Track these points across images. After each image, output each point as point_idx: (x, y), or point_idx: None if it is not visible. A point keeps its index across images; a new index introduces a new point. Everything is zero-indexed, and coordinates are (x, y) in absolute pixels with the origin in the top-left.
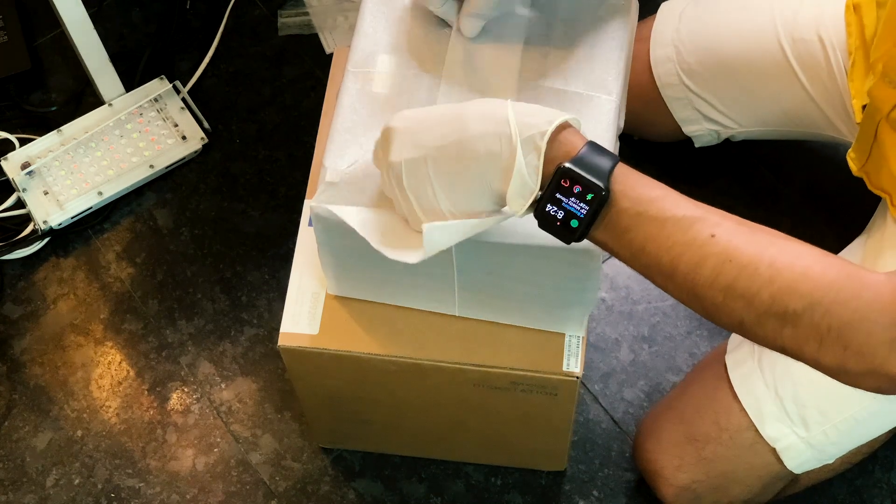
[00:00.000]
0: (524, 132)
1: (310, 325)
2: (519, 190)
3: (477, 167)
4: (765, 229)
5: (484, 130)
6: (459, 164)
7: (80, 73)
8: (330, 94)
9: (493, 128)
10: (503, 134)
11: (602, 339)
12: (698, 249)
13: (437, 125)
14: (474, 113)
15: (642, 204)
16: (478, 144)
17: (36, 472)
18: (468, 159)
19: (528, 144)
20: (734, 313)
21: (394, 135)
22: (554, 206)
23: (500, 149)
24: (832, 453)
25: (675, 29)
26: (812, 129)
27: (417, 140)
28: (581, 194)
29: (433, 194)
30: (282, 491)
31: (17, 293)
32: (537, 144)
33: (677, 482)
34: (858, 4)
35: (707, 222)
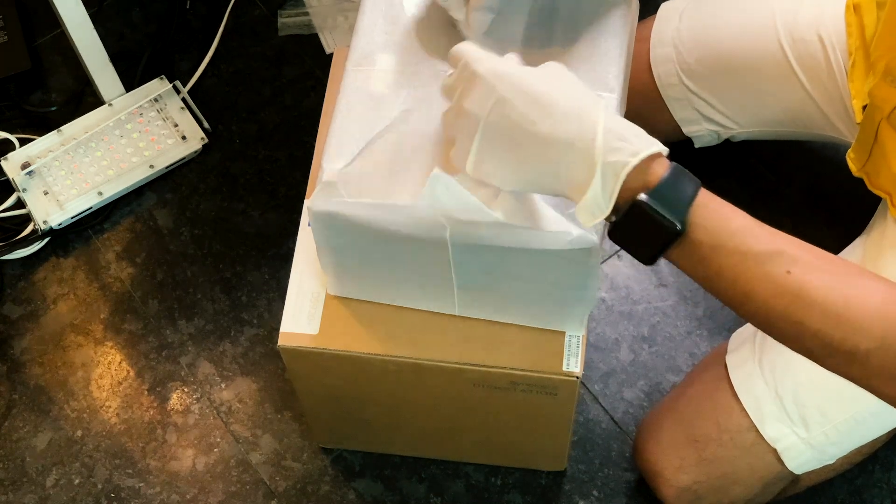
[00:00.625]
0: (609, 156)
1: (310, 324)
2: (589, 208)
3: (551, 169)
4: (842, 263)
5: (569, 136)
6: (535, 157)
7: (80, 73)
8: (330, 94)
9: (579, 138)
10: (587, 151)
11: (602, 339)
12: (773, 285)
13: (527, 102)
14: (566, 107)
15: (720, 237)
16: (559, 150)
17: (36, 472)
18: (544, 158)
19: (609, 170)
20: (804, 346)
21: (480, 84)
22: (626, 233)
23: (580, 164)
24: (833, 454)
25: (675, 29)
26: (812, 129)
27: (502, 109)
28: (658, 222)
29: (495, 162)
30: (282, 491)
31: (17, 293)
32: (617, 173)
33: (678, 483)
34: (858, 4)
35: (784, 257)
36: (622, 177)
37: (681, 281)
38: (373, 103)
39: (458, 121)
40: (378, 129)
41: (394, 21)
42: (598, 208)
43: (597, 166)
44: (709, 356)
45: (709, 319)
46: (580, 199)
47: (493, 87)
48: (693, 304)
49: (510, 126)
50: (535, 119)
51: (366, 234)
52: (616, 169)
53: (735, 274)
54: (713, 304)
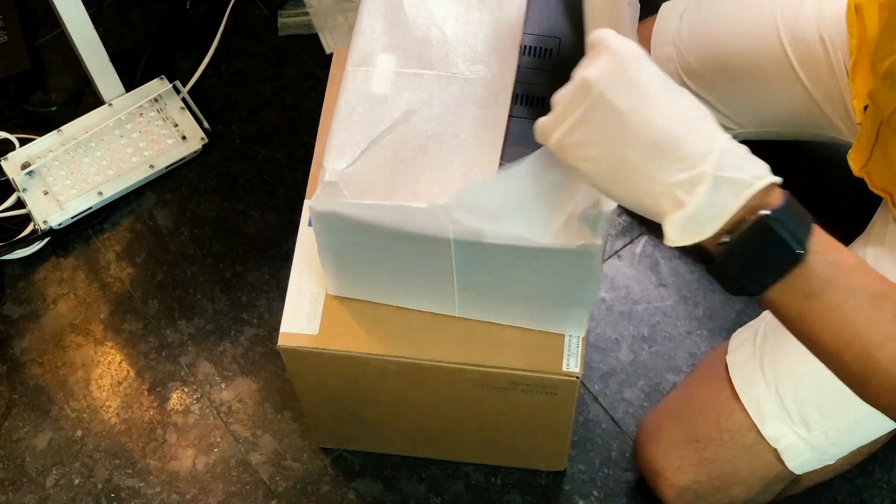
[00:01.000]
0: (727, 172)
1: (310, 325)
2: (689, 222)
3: (648, 165)
4: None
5: (683, 138)
6: (636, 145)
7: (80, 73)
8: (330, 94)
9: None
10: (699, 159)
11: (602, 339)
12: (884, 329)
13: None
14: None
15: (836, 272)
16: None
17: (36, 472)
18: (647, 150)
19: (728, 186)
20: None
21: (611, 56)
22: (740, 251)
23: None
24: (833, 454)
25: (675, 29)
26: (813, 129)
27: (625, 85)
28: (776, 246)
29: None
30: (282, 491)
31: (17, 293)
32: (739, 192)
33: (678, 483)
34: (860, 4)
35: (890, 301)
36: (745, 196)
37: (681, 281)
38: (373, 103)
39: (568, 88)
40: (379, 129)
41: (394, 21)
42: (702, 224)
43: (707, 178)
44: (709, 356)
45: (709, 319)
46: (674, 211)
47: (624, 65)
48: (693, 304)
49: (624, 105)
50: (653, 110)
51: (368, 234)
52: (737, 187)
53: (843, 314)
54: (713, 304)
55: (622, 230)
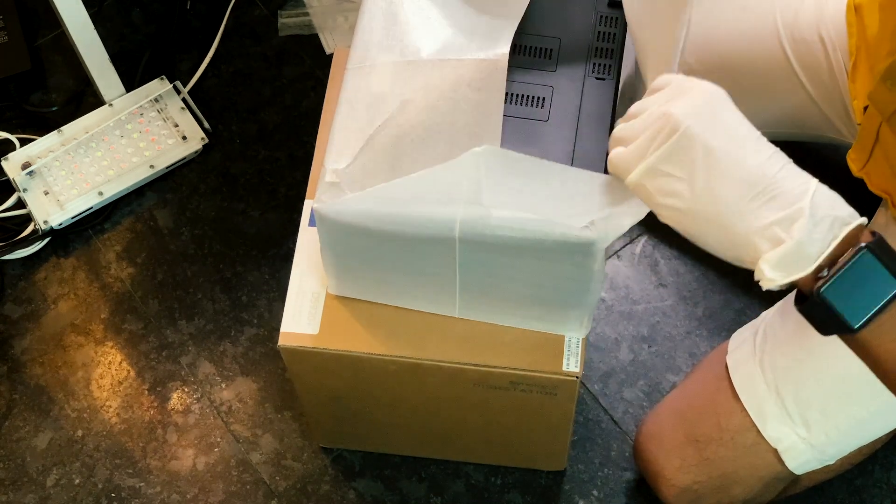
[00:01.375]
0: (825, 210)
1: (310, 324)
2: (789, 258)
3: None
4: None
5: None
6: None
7: (81, 73)
8: (330, 94)
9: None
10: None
11: (602, 339)
12: None
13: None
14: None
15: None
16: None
17: (36, 471)
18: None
19: (827, 222)
20: None
21: (699, 94)
22: (840, 285)
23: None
24: (833, 454)
25: None
26: (812, 130)
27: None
28: (876, 277)
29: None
30: (282, 491)
31: (18, 293)
32: (837, 227)
33: (678, 483)
34: (860, 5)
35: None
36: (844, 231)
37: (680, 281)
38: (374, 103)
39: (652, 120)
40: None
41: (394, 21)
42: (802, 260)
43: (806, 213)
44: (709, 356)
45: (709, 319)
46: (771, 249)
47: (713, 104)
48: (693, 304)
49: (714, 143)
50: (745, 150)
51: (370, 235)
52: (836, 223)
53: None
54: (713, 304)
55: None
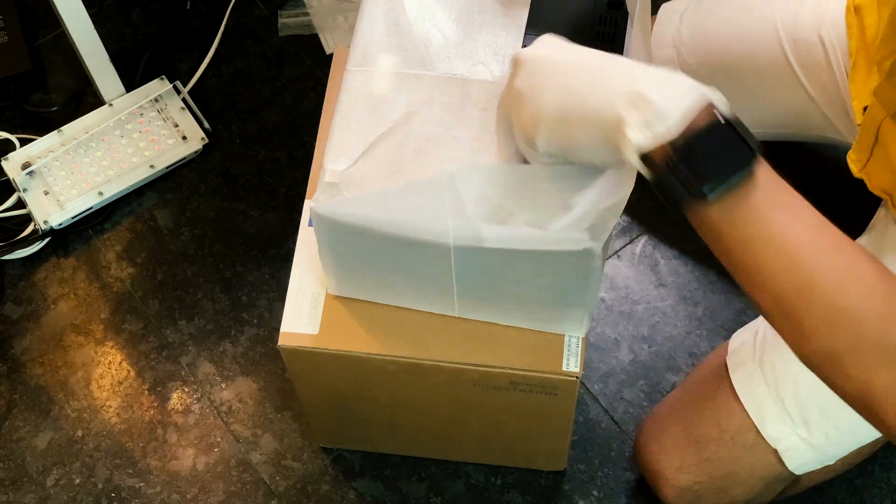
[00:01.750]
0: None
1: (310, 324)
2: (647, 120)
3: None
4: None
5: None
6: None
7: (81, 73)
8: (330, 94)
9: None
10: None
11: (602, 339)
12: (825, 256)
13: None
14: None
15: (781, 189)
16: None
17: (36, 471)
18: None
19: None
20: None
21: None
22: (694, 150)
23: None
24: (833, 454)
25: (675, 30)
26: (812, 130)
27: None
28: (729, 146)
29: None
30: (282, 491)
31: (18, 293)
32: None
33: (678, 483)
34: (859, 6)
35: (837, 234)
36: (702, 93)
37: (680, 281)
38: (374, 104)
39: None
40: (380, 129)
41: (394, 21)
42: (666, 119)
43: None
44: (709, 356)
45: (709, 319)
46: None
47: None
48: (693, 304)
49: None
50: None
51: (368, 236)
52: (695, 86)
53: (786, 234)
54: (713, 304)
55: (622, 230)
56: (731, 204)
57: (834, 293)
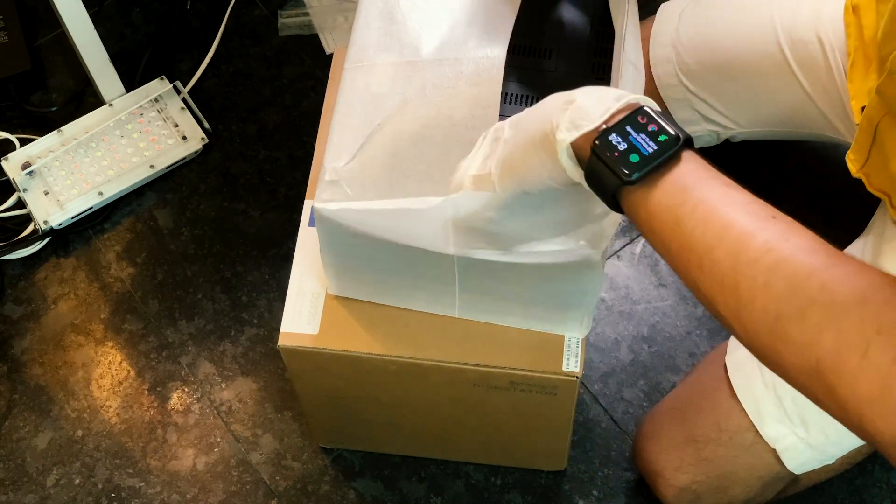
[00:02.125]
0: (595, 89)
1: (310, 324)
2: (572, 118)
3: (535, 113)
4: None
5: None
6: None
7: (81, 73)
8: (330, 94)
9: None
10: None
11: (602, 339)
12: (757, 222)
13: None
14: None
15: (709, 171)
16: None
17: (36, 471)
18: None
19: (599, 94)
20: (769, 303)
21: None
22: (618, 137)
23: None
24: (832, 453)
25: (674, 29)
26: (812, 129)
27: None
28: (654, 133)
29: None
30: (282, 490)
31: (18, 293)
32: (614, 98)
33: (677, 483)
34: (857, 5)
35: (770, 207)
36: (630, 97)
37: (680, 281)
38: (371, 99)
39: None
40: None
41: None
42: (587, 117)
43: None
44: (708, 356)
45: (709, 319)
46: (561, 119)
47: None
48: (693, 304)
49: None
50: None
51: (370, 238)
52: (619, 93)
53: (716, 213)
54: None
55: (622, 230)
56: (660, 186)
57: (767, 254)
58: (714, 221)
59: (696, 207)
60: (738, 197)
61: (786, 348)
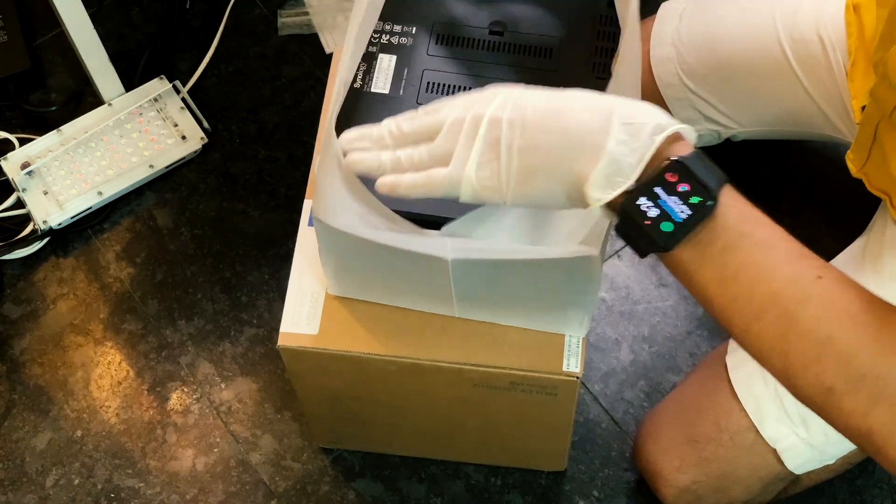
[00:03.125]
0: (634, 119)
1: (309, 325)
2: (607, 174)
3: (564, 158)
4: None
5: (585, 122)
6: (545, 151)
7: (80, 72)
8: (330, 94)
9: (596, 118)
10: (605, 122)
11: (602, 339)
12: (805, 287)
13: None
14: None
15: (749, 223)
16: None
17: (36, 472)
18: (556, 150)
19: (633, 129)
20: (821, 377)
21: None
22: (649, 201)
23: (596, 137)
24: (833, 453)
25: (675, 29)
26: (812, 129)
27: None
28: (685, 194)
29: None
30: (282, 491)
31: (17, 293)
32: (648, 135)
33: (678, 483)
34: (858, 4)
35: (814, 261)
36: (658, 141)
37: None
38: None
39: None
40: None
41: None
42: (619, 171)
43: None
44: (709, 356)
45: (709, 319)
46: (594, 170)
47: (496, 93)
48: (693, 303)
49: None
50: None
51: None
52: (646, 129)
53: (759, 271)
54: None
55: None
56: (698, 248)
57: (817, 326)
58: (760, 288)
59: (739, 273)
60: (781, 254)
61: (837, 415)
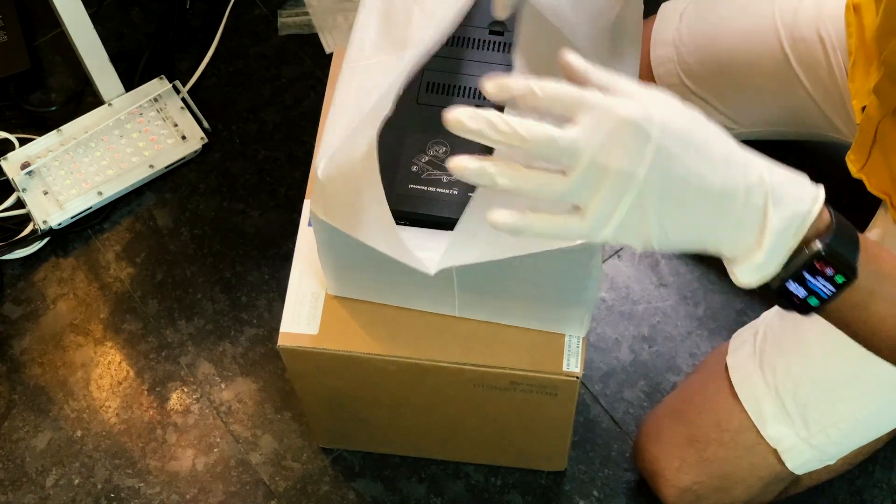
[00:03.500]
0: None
1: (309, 325)
2: (759, 266)
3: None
4: None
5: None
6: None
7: (80, 72)
8: (330, 94)
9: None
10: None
11: (602, 339)
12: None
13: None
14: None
15: (880, 282)
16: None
17: (36, 472)
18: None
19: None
20: None
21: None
22: (798, 286)
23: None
24: (833, 454)
25: (675, 29)
26: (812, 129)
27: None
28: (831, 277)
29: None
30: (282, 491)
31: (17, 293)
32: (796, 229)
33: (678, 483)
34: (858, 4)
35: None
36: (802, 231)
37: (681, 281)
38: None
39: (592, 180)
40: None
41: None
42: (770, 264)
43: (768, 222)
44: (709, 357)
45: (709, 319)
46: (745, 258)
47: (648, 135)
48: (693, 304)
49: (674, 182)
50: (702, 171)
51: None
52: (794, 224)
53: (887, 324)
54: (713, 304)
55: None
56: (838, 307)
57: None
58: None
59: (865, 323)
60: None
61: None
